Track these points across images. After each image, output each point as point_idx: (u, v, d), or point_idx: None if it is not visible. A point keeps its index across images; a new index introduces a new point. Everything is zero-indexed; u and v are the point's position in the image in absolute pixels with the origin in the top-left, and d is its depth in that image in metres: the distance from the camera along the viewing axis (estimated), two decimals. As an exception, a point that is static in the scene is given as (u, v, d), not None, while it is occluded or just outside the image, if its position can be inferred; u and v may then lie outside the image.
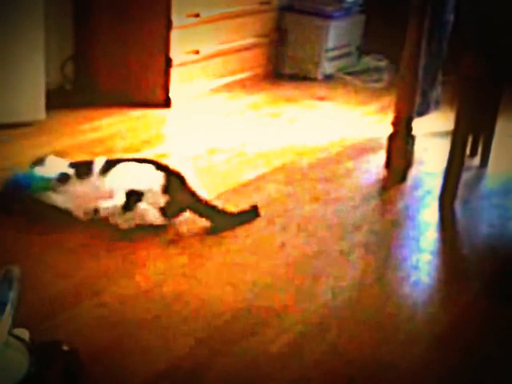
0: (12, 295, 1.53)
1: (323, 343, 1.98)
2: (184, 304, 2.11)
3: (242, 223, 2.60)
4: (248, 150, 3.36)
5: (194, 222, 2.55)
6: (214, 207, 2.56)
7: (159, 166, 2.55)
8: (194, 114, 3.76)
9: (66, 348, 1.62)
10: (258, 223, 2.63)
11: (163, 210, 2.47)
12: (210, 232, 2.52)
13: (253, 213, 2.65)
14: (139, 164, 2.56)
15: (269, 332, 2.01)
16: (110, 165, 2.52)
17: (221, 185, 2.92)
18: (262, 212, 2.65)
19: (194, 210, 2.54)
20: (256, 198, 2.81)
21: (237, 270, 2.32)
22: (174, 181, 2.51)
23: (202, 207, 2.54)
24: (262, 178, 3.06)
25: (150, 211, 2.44)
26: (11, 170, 2.50)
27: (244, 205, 2.69)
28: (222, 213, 2.57)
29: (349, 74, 4.59)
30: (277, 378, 1.83)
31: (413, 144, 3.15)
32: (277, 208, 2.77)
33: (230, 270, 2.33)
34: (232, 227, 2.56)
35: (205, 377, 1.83)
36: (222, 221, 2.56)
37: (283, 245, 2.51)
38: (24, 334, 1.60)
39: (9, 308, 1.51)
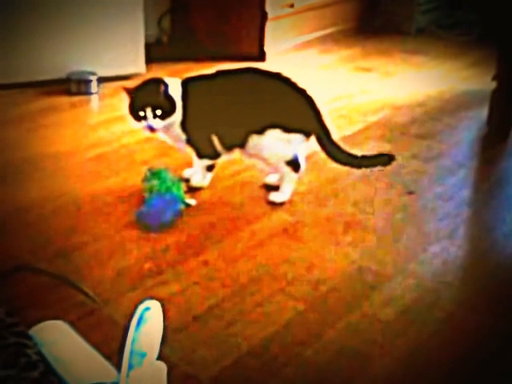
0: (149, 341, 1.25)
1: (438, 311, 1.78)
2: (288, 266, 1.94)
3: (368, 166, 2.32)
4: (342, 104, 3.16)
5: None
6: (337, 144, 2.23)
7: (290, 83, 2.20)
8: (288, 67, 3.54)
9: None
10: (360, 181, 2.44)
11: None
12: None
13: (384, 159, 2.27)
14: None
15: (378, 298, 1.82)
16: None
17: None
18: (361, 170, 2.42)
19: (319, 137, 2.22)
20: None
21: (340, 230, 2.14)
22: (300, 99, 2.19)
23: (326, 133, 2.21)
24: (359, 133, 2.85)
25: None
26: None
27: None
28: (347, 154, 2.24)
29: (440, 27, 4.31)
30: (388, 347, 1.65)
31: (517, 100, 2.88)
32: (377, 165, 2.56)
33: (333, 230, 2.14)
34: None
35: (312, 345, 1.64)
36: (343, 159, 2.24)
37: (388, 203, 2.31)
38: (161, 368, 1.31)
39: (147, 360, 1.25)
